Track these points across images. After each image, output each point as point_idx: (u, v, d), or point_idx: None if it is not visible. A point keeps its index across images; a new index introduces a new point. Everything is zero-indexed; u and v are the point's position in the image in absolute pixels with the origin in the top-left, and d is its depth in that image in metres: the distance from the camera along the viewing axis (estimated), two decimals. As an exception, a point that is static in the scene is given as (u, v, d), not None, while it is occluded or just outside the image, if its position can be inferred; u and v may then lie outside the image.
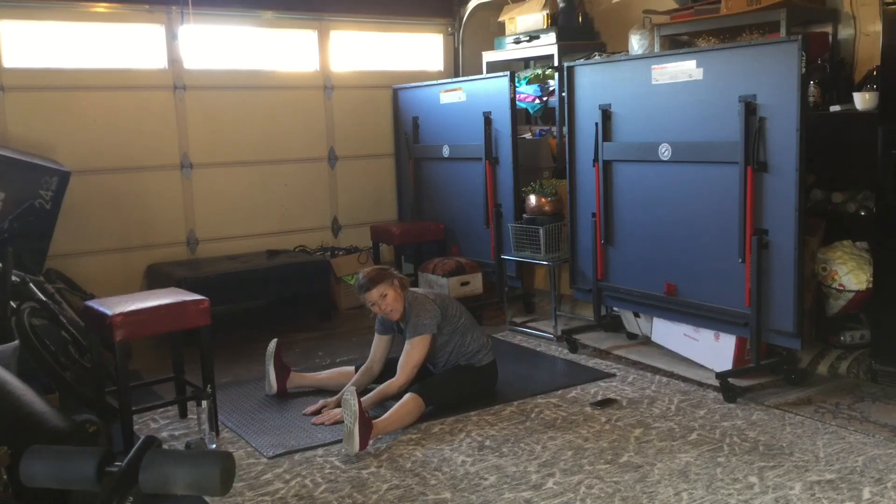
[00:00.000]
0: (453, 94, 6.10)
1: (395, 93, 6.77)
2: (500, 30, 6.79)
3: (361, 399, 3.61)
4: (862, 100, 4.27)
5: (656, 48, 5.19)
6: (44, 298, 4.19)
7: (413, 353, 4.04)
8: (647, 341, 5.03)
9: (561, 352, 5.04)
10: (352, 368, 4.37)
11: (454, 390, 4.07)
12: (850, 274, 4.30)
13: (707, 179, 4.35)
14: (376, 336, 4.29)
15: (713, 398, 4.10)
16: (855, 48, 4.76)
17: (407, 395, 3.87)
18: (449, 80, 6.44)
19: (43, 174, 4.76)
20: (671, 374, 4.49)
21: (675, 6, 5.30)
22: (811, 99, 4.42)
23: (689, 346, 4.65)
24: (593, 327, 5.29)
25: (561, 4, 6.29)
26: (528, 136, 6.48)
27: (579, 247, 5.22)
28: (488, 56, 6.79)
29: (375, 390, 4.01)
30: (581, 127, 5.07)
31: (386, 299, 4.07)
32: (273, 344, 4.39)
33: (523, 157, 5.87)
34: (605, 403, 4.08)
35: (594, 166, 4.95)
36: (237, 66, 6.17)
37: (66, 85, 5.50)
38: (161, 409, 4.08)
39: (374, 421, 3.62)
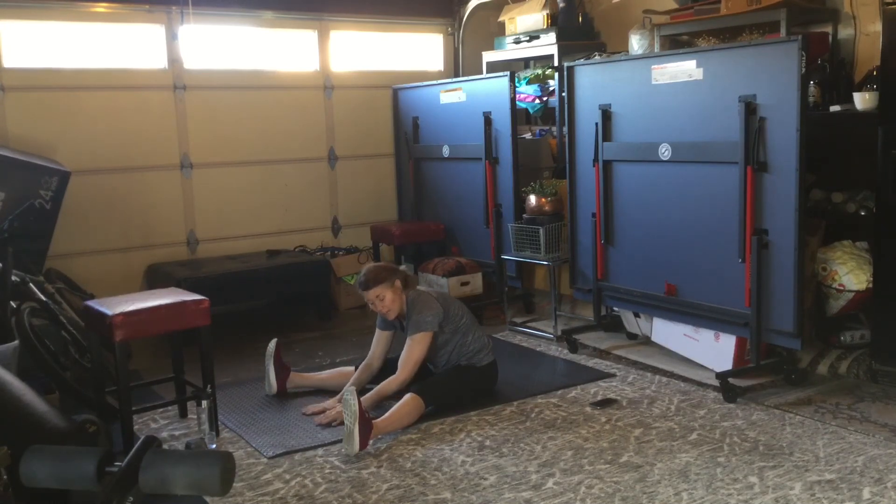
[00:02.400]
0: (453, 94, 6.10)
1: (395, 93, 6.77)
2: (500, 30, 6.79)
3: (361, 399, 3.62)
4: (862, 100, 4.27)
5: (656, 48, 5.19)
6: (44, 298, 4.18)
7: (414, 349, 4.04)
8: (647, 341, 5.03)
9: (561, 352, 5.04)
10: (352, 368, 4.37)
11: (454, 390, 4.07)
12: (850, 274, 4.30)
13: (707, 179, 4.35)
14: (377, 331, 4.29)
15: (713, 398, 4.10)
16: (855, 48, 4.76)
17: (407, 396, 3.87)
18: (449, 80, 6.44)
19: (43, 174, 4.76)
20: (671, 374, 4.49)
21: (675, 6, 5.30)
22: (811, 99, 4.42)
23: (689, 346, 4.65)
24: (593, 327, 5.29)
25: (561, 4, 6.28)
26: (528, 136, 6.48)
27: (579, 247, 5.22)
28: (488, 56, 6.79)
29: (374, 389, 4.01)
30: (581, 127, 5.07)
31: (383, 301, 4.08)
32: (273, 344, 4.39)
33: (523, 157, 5.87)
34: (605, 403, 4.08)
35: (594, 166, 4.95)
36: (237, 66, 6.17)
37: (66, 85, 5.50)
38: (161, 409, 4.08)
39: (374, 421, 3.62)
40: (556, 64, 6.04)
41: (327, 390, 4.31)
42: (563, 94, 5.30)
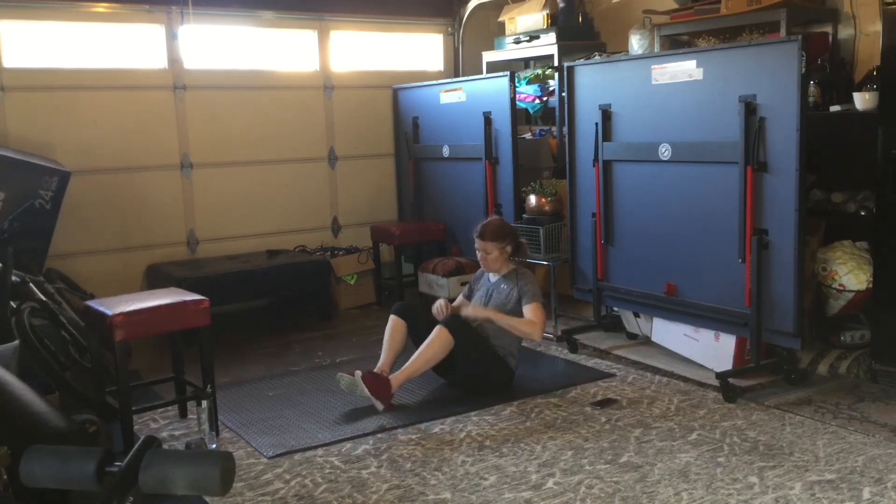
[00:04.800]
0: (453, 94, 6.10)
1: (395, 93, 6.77)
2: (500, 30, 6.79)
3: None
4: (862, 100, 4.27)
5: (656, 48, 5.19)
6: (44, 298, 4.18)
7: (538, 311, 4.19)
8: (647, 341, 5.03)
9: (561, 352, 5.04)
10: (395, 318, 4.32)
11: (479, 347, 4.18)
12: (850, 274, 4.30)
13: (707, 179, 4.35)
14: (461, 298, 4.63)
15: (713, 398, 4.10)
16: (855, 48, 4.76)
17: (435, 330, 4.05)
18: (449, 80, 6.44)
19: (43, 174, 4.76)
20: (671, 374, 4.49)
21: (675, 6, 5.30)
22: (811, 99, 4.42)
23: (689, 346, 4.65)
24: (593, 327, 5.29)
25: (561, 4, 6.28)
26: (528, 136, 6.48)
27: (579, 247, 5.22)
28: (488, 56, 6.79)
29: (507, 317, 4.19)
30: (581, 127, 5.07)
31: (489, 255, 4.32)
32: (358, 379, 4.00)
33: (523, 157, 5.86)
34: (605, 403, 4.08)
35: (594, 166, 4.95)
36: (237, 66, 6.16)
37: (66, 85, 5.50)
38: (161, 409, 4.08)
39: (391, 378, 3.97)
40: (556, 64, 6.04)
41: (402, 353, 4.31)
42: (563, 94, 5.30)
